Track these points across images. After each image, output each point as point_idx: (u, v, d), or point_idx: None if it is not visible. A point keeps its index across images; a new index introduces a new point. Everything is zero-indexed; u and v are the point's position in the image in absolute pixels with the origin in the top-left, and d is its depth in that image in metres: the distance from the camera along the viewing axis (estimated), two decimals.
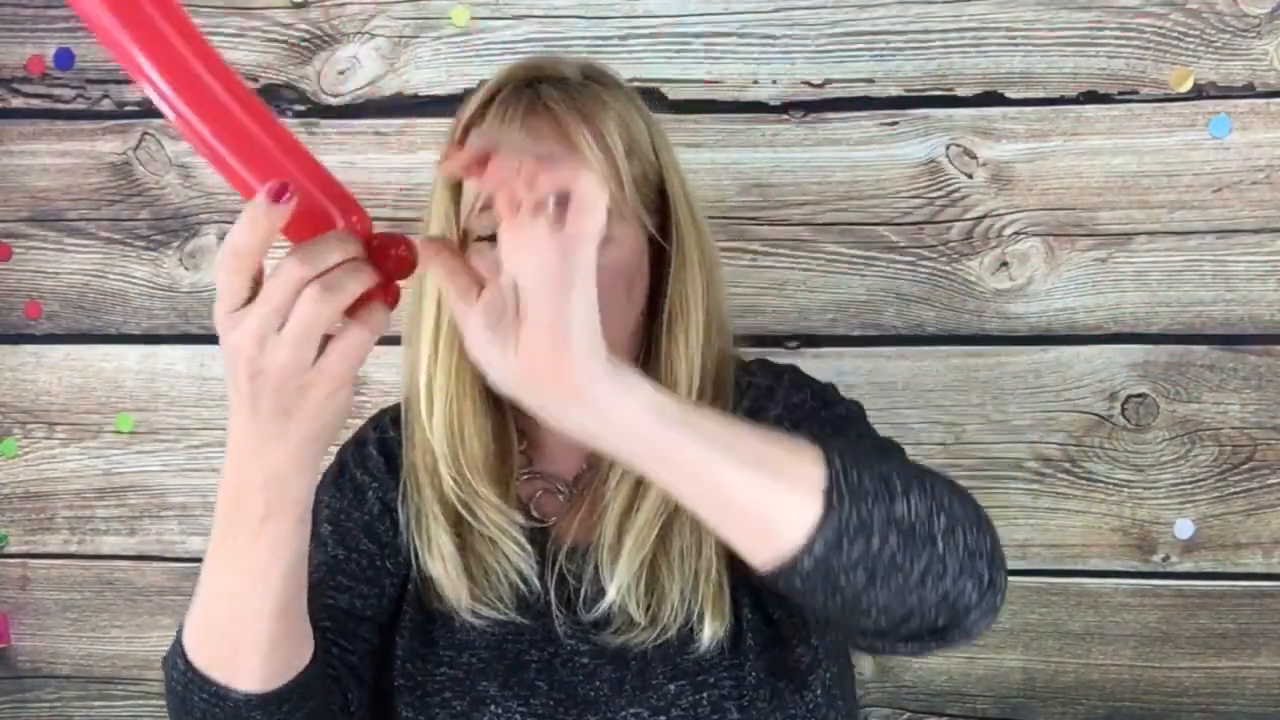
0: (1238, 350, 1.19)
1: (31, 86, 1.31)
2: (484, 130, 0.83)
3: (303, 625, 0.74)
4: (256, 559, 0.69)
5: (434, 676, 0.86)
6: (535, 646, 0.86)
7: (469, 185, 0.84)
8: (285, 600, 0.70)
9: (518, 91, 0.84)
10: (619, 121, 0.85)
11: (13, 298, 1.33)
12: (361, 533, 0.89)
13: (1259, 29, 1.15)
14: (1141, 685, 1.24)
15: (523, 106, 0.83)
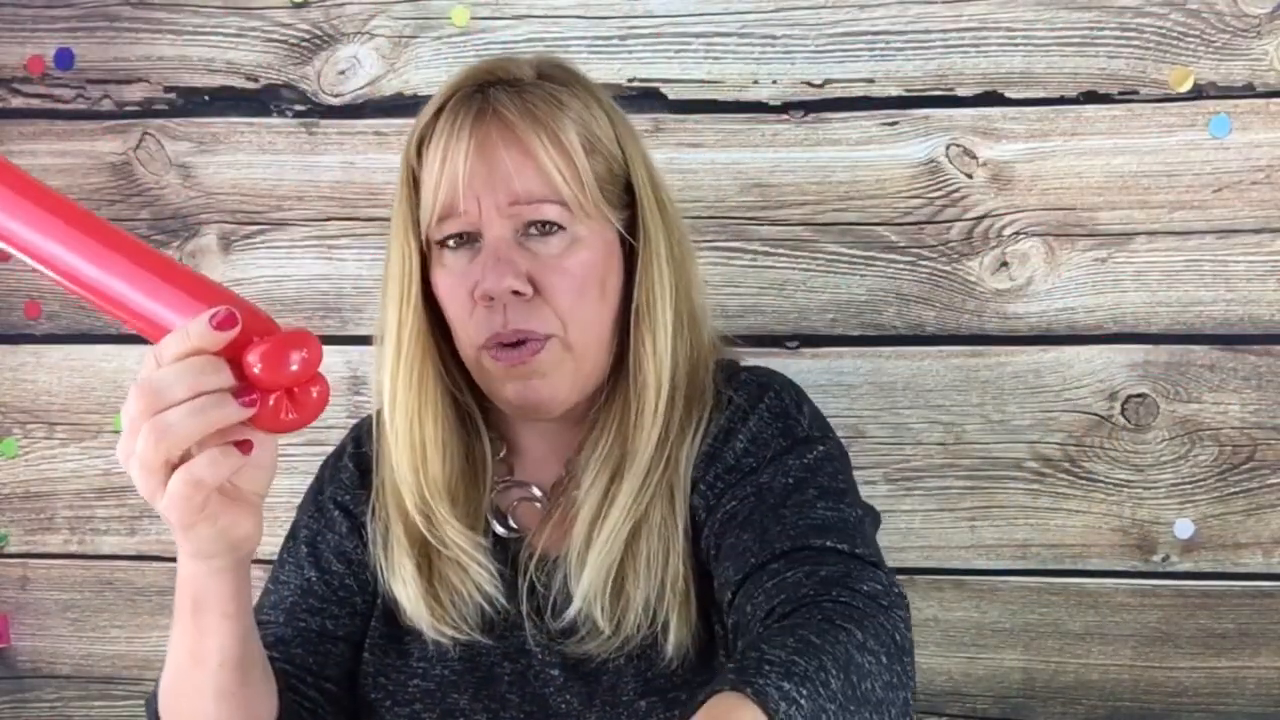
0: (1238, 350, 1.19)
1: (31, 86, 1.31)
2: (435, 138, 0.82)
3: (253, 705, 0.74)
4: (193, 645, 0.70)
5: (406, 688, 0.86)
6: (508, 659, 0.85)
7: (425, 192, 0.83)
8: (225, 685, 0.71)
9: (468, 98, 0.83)
10: (576, 120, 0.83)
11: (13, 298, 1.33)
12: (333, 555, 0.90)
13: (1259, 29, 1.15)
14: (1141, 685, 1.24)
15: (472, 113, 0.82)
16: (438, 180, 0.82)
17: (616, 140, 0.86)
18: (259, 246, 1.29)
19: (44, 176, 1.30)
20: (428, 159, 0.83)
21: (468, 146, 0.80)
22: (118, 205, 1.31)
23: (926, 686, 1.26)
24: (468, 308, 0.82)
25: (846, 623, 0.65)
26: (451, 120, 0.82)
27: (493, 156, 0.81)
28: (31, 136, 1.31)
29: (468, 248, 0.83)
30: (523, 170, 0.81)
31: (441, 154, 0.82)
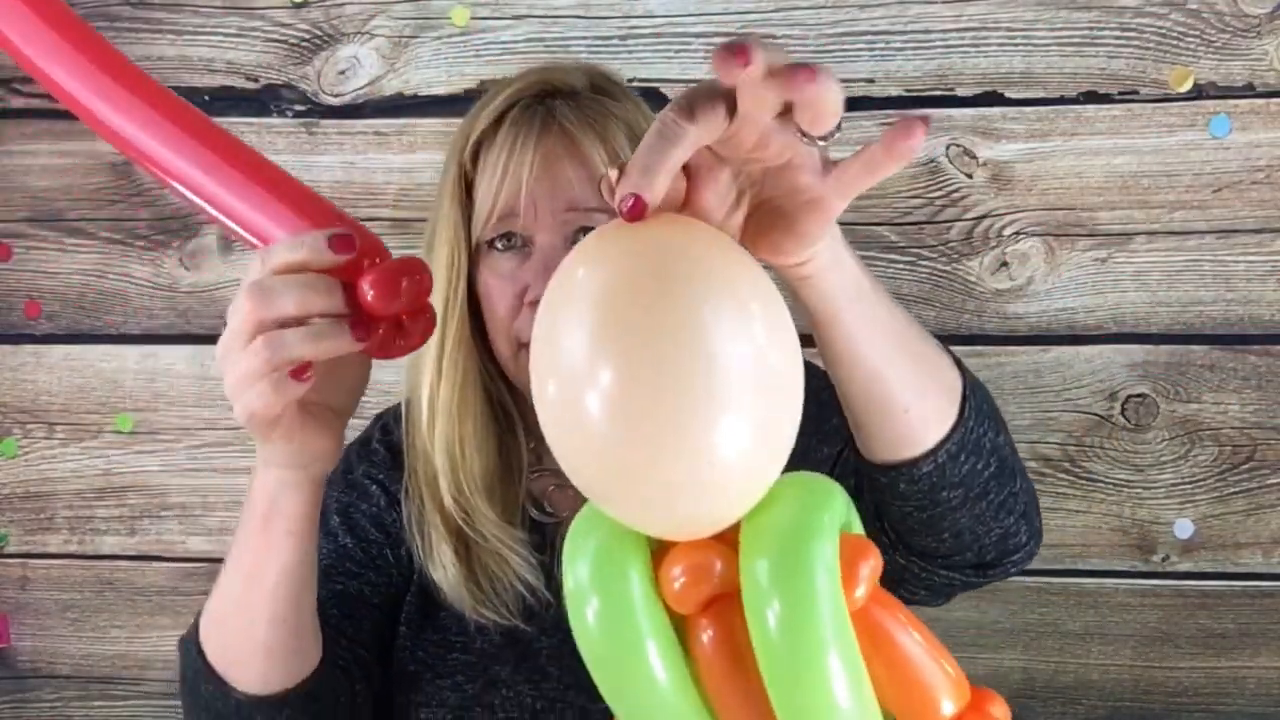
0: (1238, 350, 1.19)
1: (31, 86, 1.31)
2: (497, 147, 0.85)
3: (302, 639, 0.74)
4: (254, 558, 0.69)
5: (445, 660, 0.87)
6: (546, 634, 0.87)
7: (482, 195, 0.85)
8: (279, 609, 0.70)
9: (530, 108, 0.86)
10: (628, 132, 0.87)
11: (13, 298, 1.33)
12: (370, 523, 0.90)
13: (1259, 29, 1.15)
14: (1141, 685, 1.24)
15: (536, 124, 0.85)
16: (499, 186, 0.84)
17: None
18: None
19: (44, 176, 1.31)
20: (487, 163, 0.86)
21: (532, 158, 0.83)
22: (118, 205, 1.31)
23: None
24: (514, 309, 0.85)
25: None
26: (515, 130, 0.85)
27: (555, 167, 0.84)
28: (31, 136, 1.31)
29: (516, 250, 0.86)
30: (581, 179, 0.84)
31: (504, 162, 0.84)
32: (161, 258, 1.31)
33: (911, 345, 0.63)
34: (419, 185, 1.26)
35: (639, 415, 0.45)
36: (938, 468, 0.65)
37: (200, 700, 0.75)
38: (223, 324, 0.56)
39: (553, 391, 0.47)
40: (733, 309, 0.45)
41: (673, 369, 0.44)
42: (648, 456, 0.45)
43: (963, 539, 0.71)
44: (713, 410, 0.45)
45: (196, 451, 1.33)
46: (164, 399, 1.32)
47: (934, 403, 0.64)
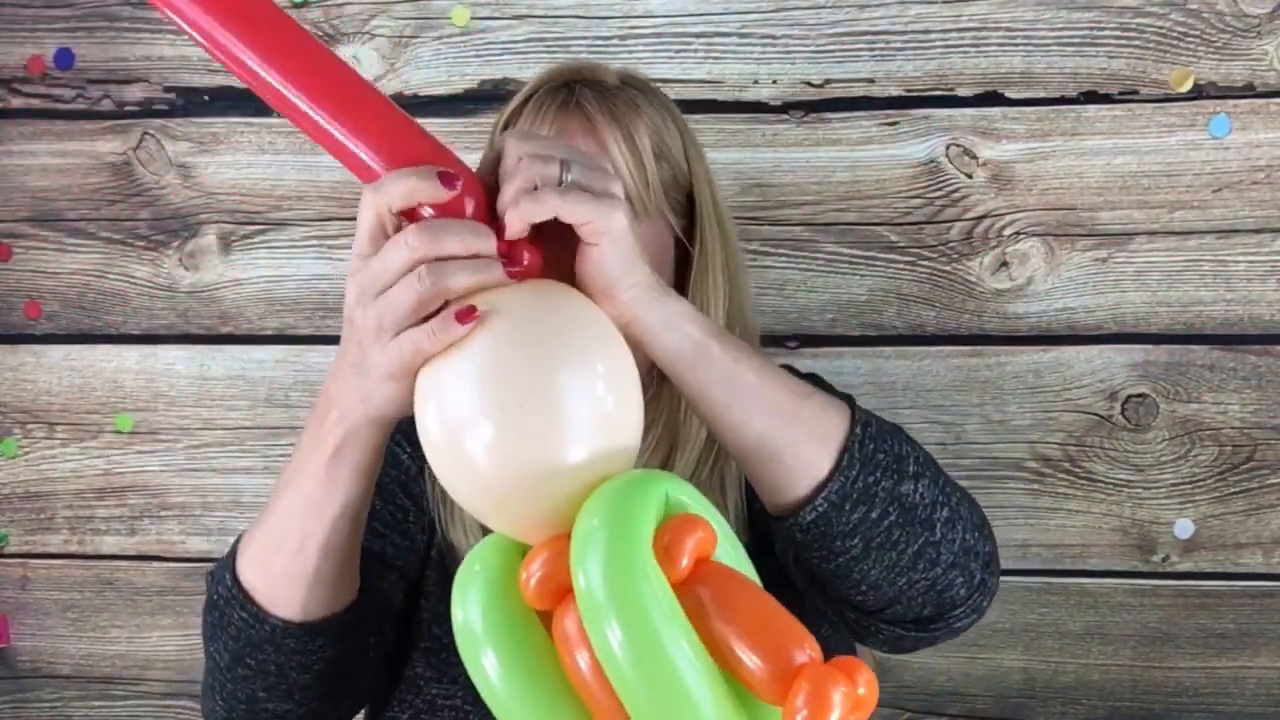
0: (1238, 350, 1.19)
1: (31, 86, 1.31)
2: (517, 127, 0.87)
3: (347, 570, 0.75)
4: (318, 489, 0.70)
5: None
6: None
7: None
8: (334, 539, 0.71)
9: (554, 91, 0.88)
10: (650, 126, 0.88)
11: (13, 298, 1.33)
12: (398, 488, 0.91)
13: (1259, 29, 1.15)
14: (1141, 685, 1.24)
15: (556, 104, 0.87)
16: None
17: (684, 153, 0.92)
18: (259, 246, 1.29)
19: (44, 176, 1.31)
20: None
21: (548, 133, 0.86)
22: (118, 205, 1.31)
23: (926, 686, 1.26)
24: None
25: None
26: (537, 108, 0.87)
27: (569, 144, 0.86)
28: (31, 136, 1.31)
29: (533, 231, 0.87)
30: None
31: None
32: (161, 258, 1.31)
33: (777, 403, 0.67)
34: None
35: (512, 457, 0.56)
36: (820, 516, 0.67)
37: (230, 627, 0.75)
38: (222, 323, 0.57)
39: (438, 434, 0.58)
40: (585, 369, 0.58)
41: (536, 421, 0.56)
42: (518, 485, 0.57)
43: (882, 590, 0.71)
44: (562, 447, 0.56)
45: (196, 451, 1.33)
46: (164, 399, 1.32)
47: (804, 453, 0.67)
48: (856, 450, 0.67)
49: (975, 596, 0.74)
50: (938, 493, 0.71)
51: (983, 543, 0.74)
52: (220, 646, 0.77)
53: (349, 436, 0.67)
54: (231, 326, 1.30)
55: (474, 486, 0.58)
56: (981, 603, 0.75)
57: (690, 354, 0.65)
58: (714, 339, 0.66)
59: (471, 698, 0.85)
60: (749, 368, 0.66)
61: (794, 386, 0.68)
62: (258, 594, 0.74)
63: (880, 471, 0.68)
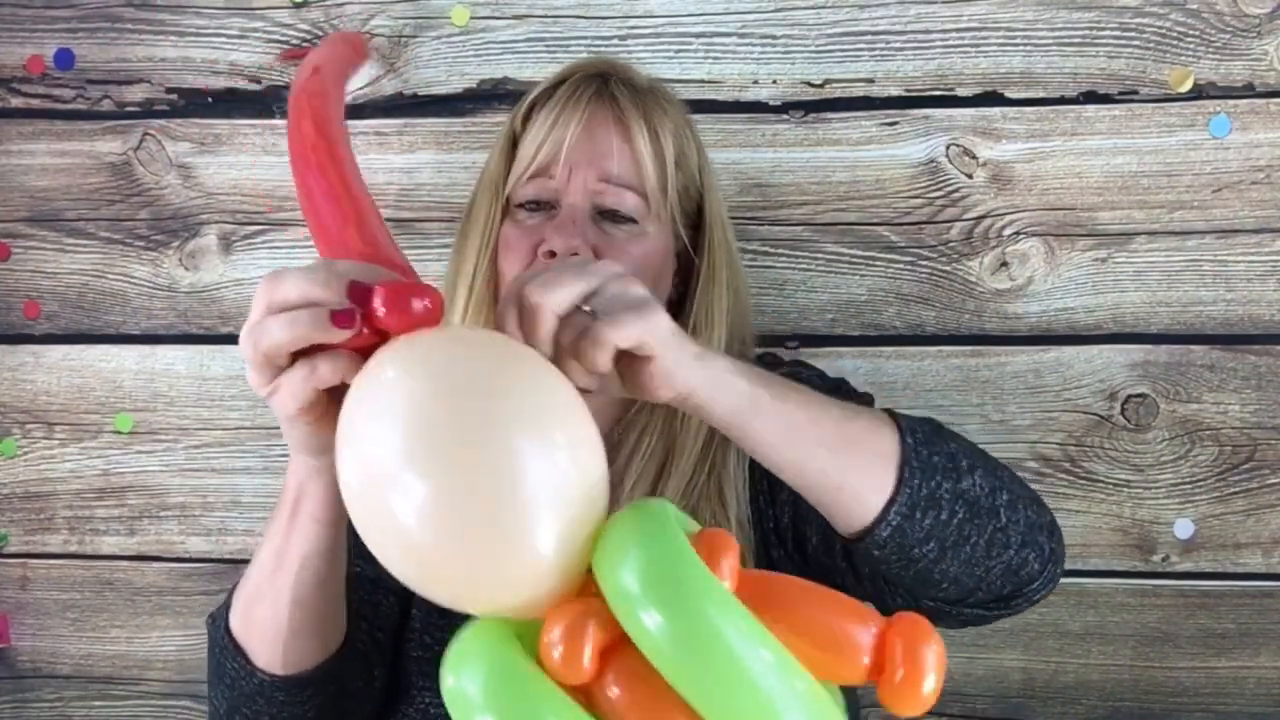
0: (1238, 350, 1.19)
1: (31, 86, 1.31)
2: (548, 107, 0.88)
3: (325, 623, 0.75)
4: (281, 545, 0.70)
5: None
6: None
7: (524, 150, 0.88)
8: (303, 591, 0.71)
9: (588, 80, 0.90)
10: (675, 132, 0.90)
11: (12, 298, 1.33)
12: None
13: (1259, 29, 1.15)
14: (1141, 685, 1.24)
15: (591, 91, 0.88)
16: (542, 140, 0.87)
17: (699, 168, 0.94)
18: (259, 246, 1.29)
19: (44, 176, 1.31)
20: (536, 121, 0.89)
21: (581, 116, 0.87)
22: (117, 205, 1.31)
23: None
24: (526, 262, 0.86)
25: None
26: (570, 92, 0.88)
27: (598, 134, 0.87)
28: (31, 136, 1.31)
29: (543, 213, 0.88)
30: (621, 154, 0.87)
31: (553, 118, 0.88)
32: (161, 258, 1.31)
33: (831, 433, 0.67)
34: (419, 185, 1.26)
35: (448, 527, 0.49)
36: (895, 530, 0.68)
37: (225, 677, 0.76)
38: (222, 323, 0.57)
39: (357, 487, 0.51)
40: (538, 438, 0.50)
41: (481, 492, 0.48)
42: (455, 560, 0.50)
43: (963, 583, 0.72)
44: (517, 524, 0.48)
45: (196, 452, 1.33)
46: (163, 399, 1.32)
47: (866, 476, 0.68)
48: (914, 461, 0.68)
49: (1050, 567, 0.76)
50: (993, 480, 0.72)
51: (1042, 514, 0.76)
52: (219, 694, 0.77)
53: (300, 486, 0.67)
54: (231, 326, 1.30)
55: (404, 550, 0.51)
56: (1056, 571, 0.77)
57: (746, 409, 0.65)
58: (762, 387, 0.65)
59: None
60: (798, 405, 0.67)
61: (839, 412, 0.69)
62: (244, 646, 0.74)
63: (940, 475, 0.69)
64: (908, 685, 0.51)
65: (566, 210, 0.86)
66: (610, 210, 0.87)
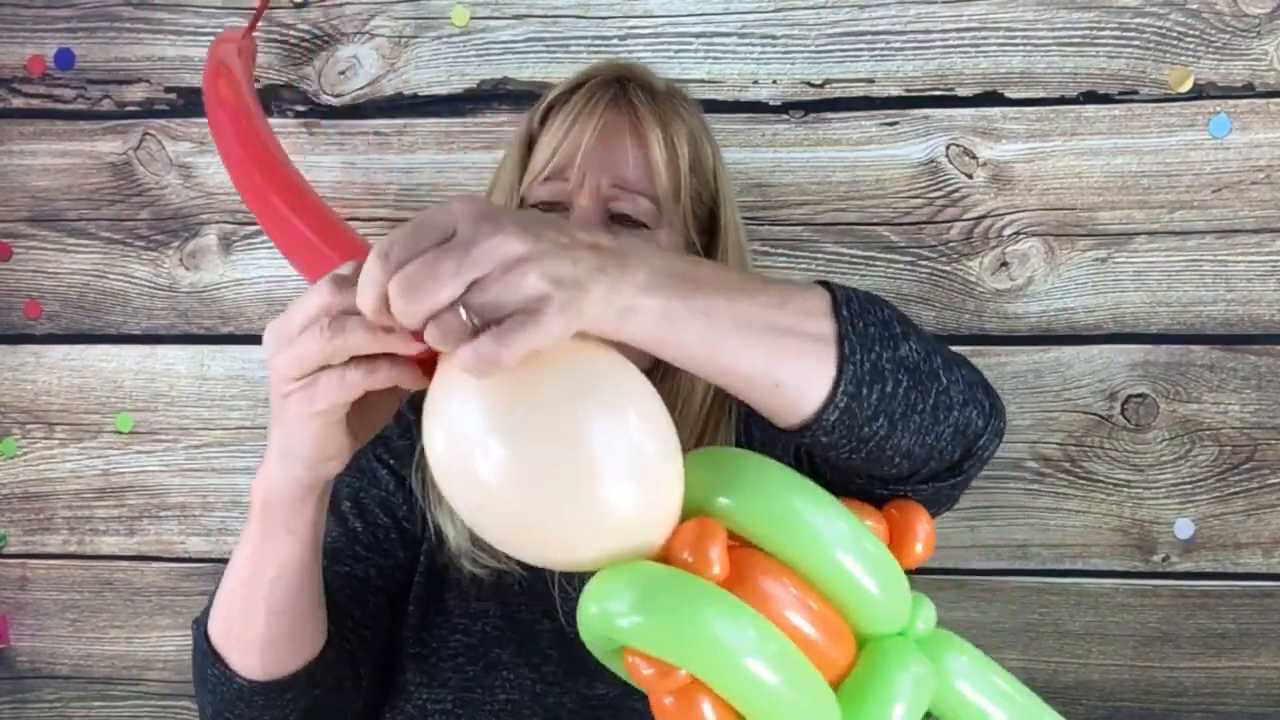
0: (1238, 350, 1.19)
1: (31, 86, 1.31)
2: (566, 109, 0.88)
3: (302, 629, 0.74)
4: (255, 552, 0.70)
5: (448, 643, 0.88)
6: (547, 616, 0.88)
7: (540, 152, 0.89)
8: (279, 600, 0.71)
9: (607, 84, 0.90)
10: (690, 137, 0.90)
11: (13, 298, 1.33)
12: (378, 507, 0.91)
13: (1259, 29, 1.15)
14: (1141, 685, 1.24)
15: (609, 96, 0.88)
16: (558, 144, 0.88)
17: (714, 172, 0.93)
18: (259, 246, 1.29)
19: (44, 176, 1.31)
20: (553, 123, 0.89)
21: (597, 123, 0.87)
22: (118, 205, 1.31)
23: None
24: None
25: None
26: (589, 96, 0.89)
27: (614, 139, 0.87)
28: (31, 136, 1.31)
29: (555, 216, 0.87)
30: (636, 160, 0.87)
31: (570, 121, 0.88)
32: (161, 258, 1.31)
33: (761, 329, 0.60)
34: (419, 185, 1.26)
35: (525, 484, 0.54)
36: (843, 412, 0.63)
37: (207, 683, 0.76)
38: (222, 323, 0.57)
39: (441, 446, 0.55)
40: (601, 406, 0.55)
41: (551, 452, 0.54)
42: (534, 517, 0.55)
43: (915, 455, 0.69)
44: (587, 483, 0.54)
45: (196, 452, 1.33)
46: (163, 399, 1.32)
47: (804, 364, 0.62)
48: (853, 336, 0.63)
49: (993, 421, 0.72)
50: (925, 343, 0.69)
51: (974, 372, 0.73)
52: (204, 699, 0.77)
53: (276, 499, 0.66)
54: (232, 326, 1.30)
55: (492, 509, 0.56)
56: (1000, 425, 0.73)
57: (660, 331, 0.57)
58: (677, 299, 0.57)
59: (461, 702, 0.85)
60: (723, 308, 0.59)
61: (768, 300, 0.62)
62: (223, 652, 0.74)
63: (879, 345, 0.64)
64: (906, 547, 0.66)
65: (579, 214, 0.87)
66: (623, 215, 0.87)
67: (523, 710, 0.85)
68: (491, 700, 0.85)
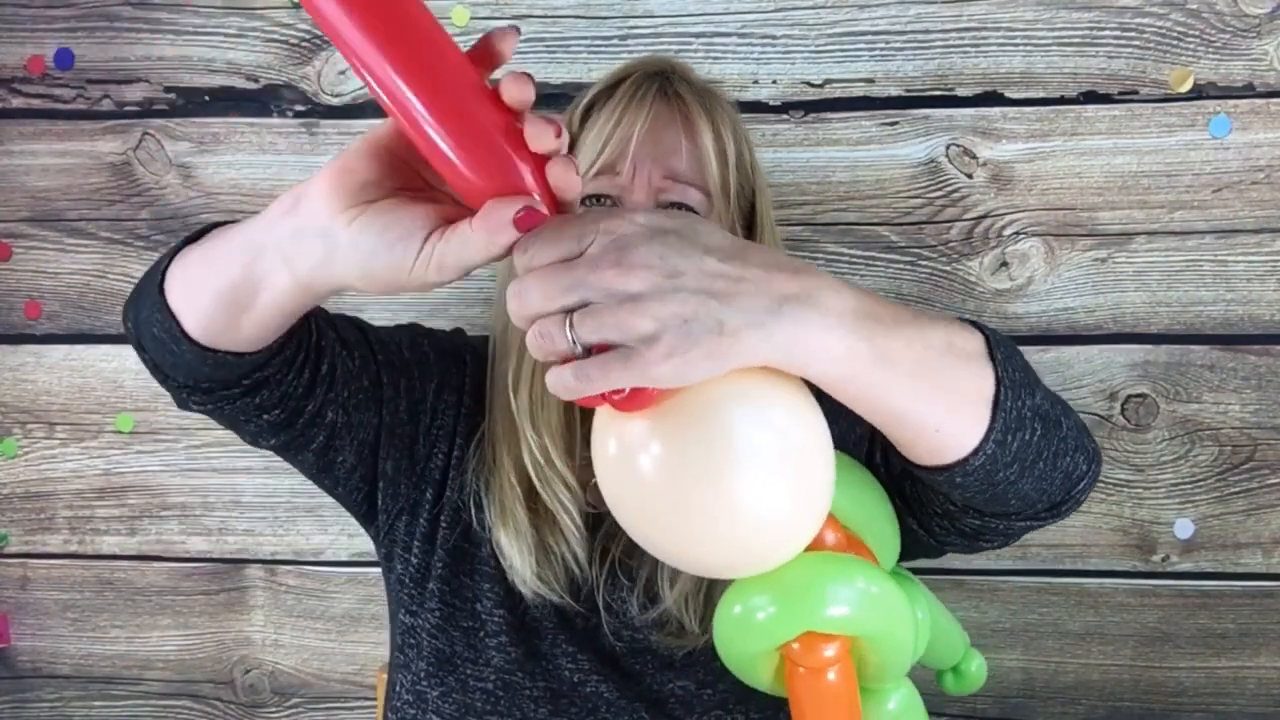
0: (1238, 350, 1.19)
1: (31, 86, 1.31)
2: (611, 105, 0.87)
3: (246, 327, 0.67)
4: (261, 235, 0.63)
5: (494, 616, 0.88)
6: (581, 617, 0.88)
7: (587, 149, 0.88)
8: (234, 287, 0.64)
9: (650, 77, 0.89)
10: (733, 131, 0.90)
11: (13, 298, 1.33)
12: (401, 369, 0.90)
13: (1259, 29, 1.15)
14: (1141, 685, 1.24)
15: (655, 89, 0.88)
16: (607, 138, 0.86)
17: (752, 169, 0.93)
18: None
19: (44, 176, 1.31)
20: (597, 120, 0.88)
21: (648, 113, 0.86)
22: (118, 205, 1.31)
23: (927, 686, 1.26)
24: None
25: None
26: (634, 90, 0.88)
27: (664, 132, 0.87)
28: (31, 136, 1.31)
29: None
30: (688, 152, 0.87)
31: (618, 116, 0.87)
32: None
33: (932, 372, 0.59)
34: None
35: (676, 476, 0.55)
36: (987, 459, 0.63)
37: (143, 312, 0.71)
38: None
39: (614, 449, 0.56)
40: (749, 403, 0.55)
41: (690, 437, 0.54)
42: (672, 496, 0.55)
43: (1029, 498, 0.69)
44: (731, 479, 0.54)
45: (196, 451, 1.33)
46: (164, 399, 1.32)
47: (968, 412, 0.62)
48: (1007, 382, 0.62)
49: (1094, 466, 0.72)
50: (1047, 389, 0.68)
51: (1076, 415, 0.72)
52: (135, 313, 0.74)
53: (296, 256, 0.59)
54: None
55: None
56: (1099, 470, 0.73)
57: (841, 371, 0.56)
58: (863, 341, 0.55)
59: (503, 683, 0.85)
60: (900, 348, 0.57)
61: (936, 339, 0.60)
62: (172, 300, 0.69)
63: (1024, 392, 0.64)
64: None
65: (632, 208, 0.85)
66: (673, 204, 0.87)
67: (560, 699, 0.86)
68: (531, 685, 0.86)
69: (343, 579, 1.32)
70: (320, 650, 1.34)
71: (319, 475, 0.89)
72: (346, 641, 1.33)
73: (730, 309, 0.51)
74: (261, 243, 0.61)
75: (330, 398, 0.83)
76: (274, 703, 1.36)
